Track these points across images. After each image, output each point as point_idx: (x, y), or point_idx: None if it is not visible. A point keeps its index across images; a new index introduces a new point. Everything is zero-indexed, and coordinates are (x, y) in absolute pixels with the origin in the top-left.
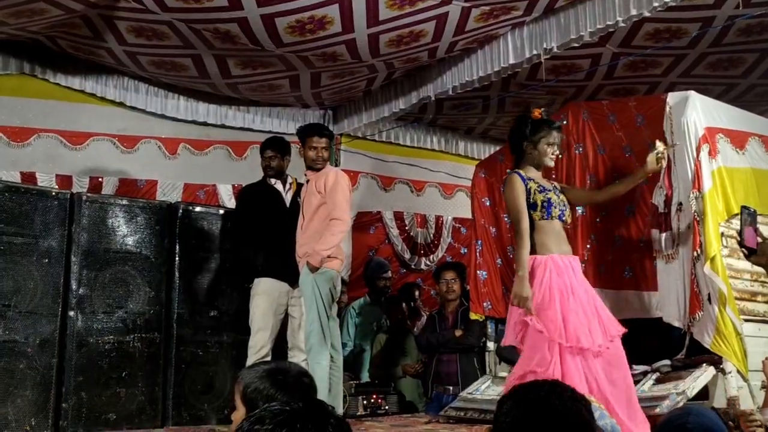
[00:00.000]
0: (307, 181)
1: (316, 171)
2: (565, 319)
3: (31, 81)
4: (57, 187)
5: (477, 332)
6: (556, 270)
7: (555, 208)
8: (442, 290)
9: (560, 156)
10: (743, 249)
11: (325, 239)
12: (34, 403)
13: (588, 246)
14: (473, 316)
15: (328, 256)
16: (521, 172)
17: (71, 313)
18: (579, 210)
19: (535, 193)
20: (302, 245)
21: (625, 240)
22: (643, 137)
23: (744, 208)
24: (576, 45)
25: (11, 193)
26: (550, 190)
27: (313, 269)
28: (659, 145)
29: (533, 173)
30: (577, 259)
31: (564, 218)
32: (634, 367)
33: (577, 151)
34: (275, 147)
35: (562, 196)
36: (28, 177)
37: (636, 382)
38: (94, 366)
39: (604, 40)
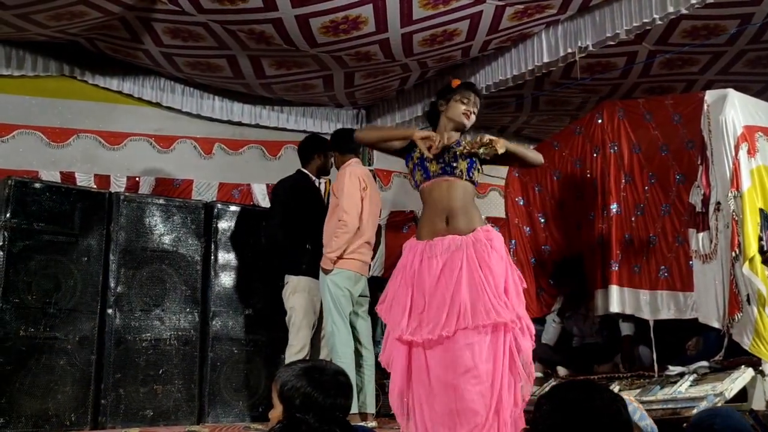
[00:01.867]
0: None
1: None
2: (396, 309)
3: (70, 82)
4: (95, 186)
5: None
6: (410, 257)
7: (420, 172)
8: None
9: (472, 115)
10: (763, 254)
11: (330, 242)
12: (74, 398)
13: (623, 246)
14: None
15: (342, 257)
16: None
17: (110, 311)
18: (614, 209)
19: (414, 159)
20: (324, 246)
21: (660, 240)
22: (680, 136)
23: (762, 211)
24: (611, 43)
25: (52, 193)
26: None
27: (325, 271)
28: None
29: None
30: (465, 238)
31: (447, 174)
32: (671, 368)
33: (612, 150)
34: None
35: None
36: (68, 176)
37: (673, 383)
38: (132, 363)
39: (640, 37)
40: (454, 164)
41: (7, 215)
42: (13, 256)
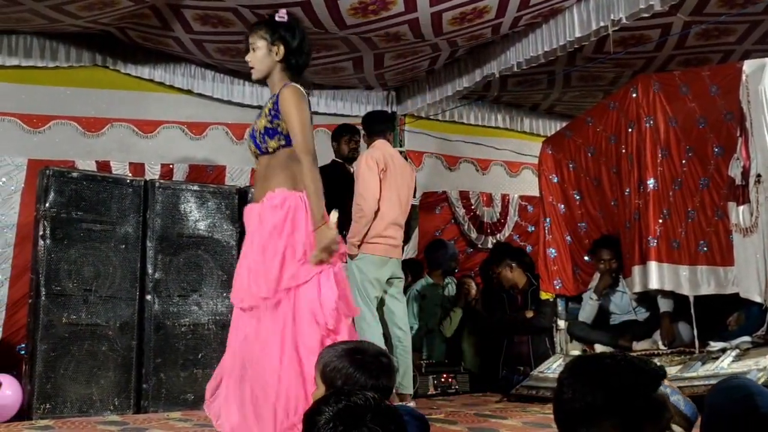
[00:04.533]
0: None
1: None
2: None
3: (103, 72)
4: (130, 174)
5: (549, 314)
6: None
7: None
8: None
9: (249, 62)
10: None
11: (351, 227)
12: (116, 384)
13: (660, 221)
14: (544, 296)
15: (366, 242)
16: None
17: (148, 297)
18: (650, 184)
19: None
20: None
21: (699, 214)
22: (718, 108)
23: None
24: (645, 15)
25: (89, 182)
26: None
27: (350, 256)
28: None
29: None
30: (256, 206)
31: (260, 152)
32: (712, 343)
33: (647, 124)
34: (359, 132)
35: (254, 125)
36: (104, 165)
37: (714, 359)
38: (172, 348)
39: (674, 8)
40: (252, 143)
41: (47, 205)
42: (53, 245)
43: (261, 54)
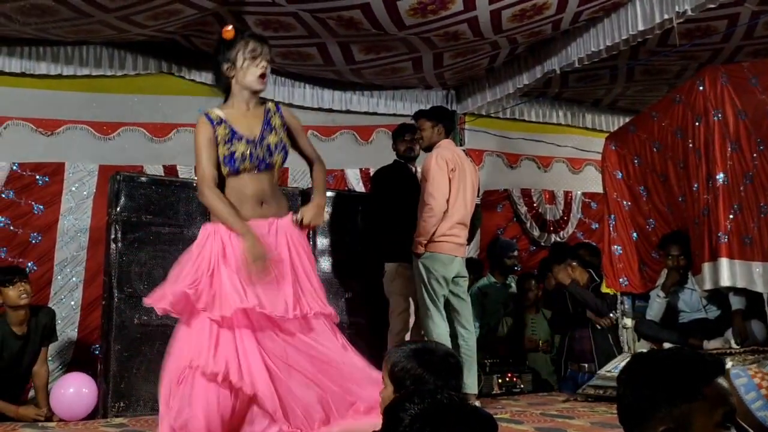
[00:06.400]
0: None
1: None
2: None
3: (168, 79)
4: (196, 178)
5: (610, 303)
6: (218, 239)
7: (239, 161)
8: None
9: (265, 71)
10: None
11: (417, 226)
12: None
13: (731, 216)
14: (604, 290)
15: (433, 241)
16: (211, 112)
17: None
18: (720, 179)
19: (221, 144)
20: None
21: None
22: None
23: None
24: (712, 6)
25: (157, 186)
26: (240, 138)
27: (416, 255)
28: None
29: (234, 110)
30: (273, 221)
31: (266, 167)
32: None
33: (715, 118)
34: (416, 131)
35: (271, 139)
36: (171, 170)
37: None
38: None
39: None
40: (268, 158)
41: (118, 209)
42: (124, 248)
43: None
